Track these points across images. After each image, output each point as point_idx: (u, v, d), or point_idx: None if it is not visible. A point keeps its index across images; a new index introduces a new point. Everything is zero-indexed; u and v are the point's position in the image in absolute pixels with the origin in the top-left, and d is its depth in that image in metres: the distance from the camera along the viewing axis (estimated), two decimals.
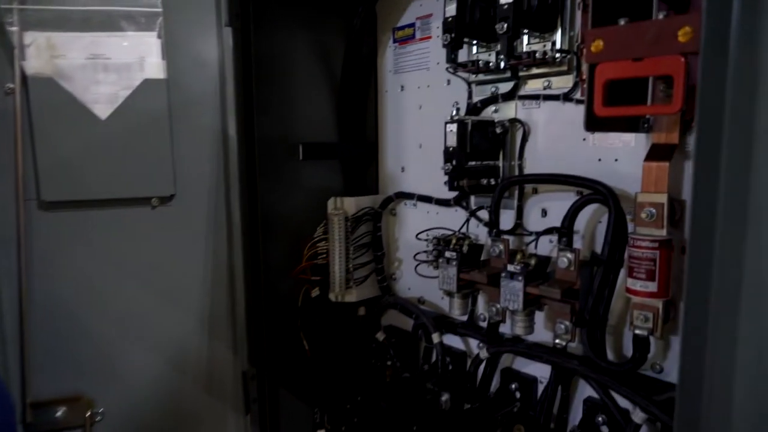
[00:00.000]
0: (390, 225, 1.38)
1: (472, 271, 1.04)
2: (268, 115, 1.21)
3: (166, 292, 1.13)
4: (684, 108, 0.60)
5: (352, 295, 1.31)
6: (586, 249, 0.98)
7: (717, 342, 0.48)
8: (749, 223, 0.42)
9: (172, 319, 1.13)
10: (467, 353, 1.22)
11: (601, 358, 0.90)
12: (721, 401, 0.50)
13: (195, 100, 1.13)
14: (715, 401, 0.50)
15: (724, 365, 0.49)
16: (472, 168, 1.05)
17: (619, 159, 0.94)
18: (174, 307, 1.14)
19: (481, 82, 1.12)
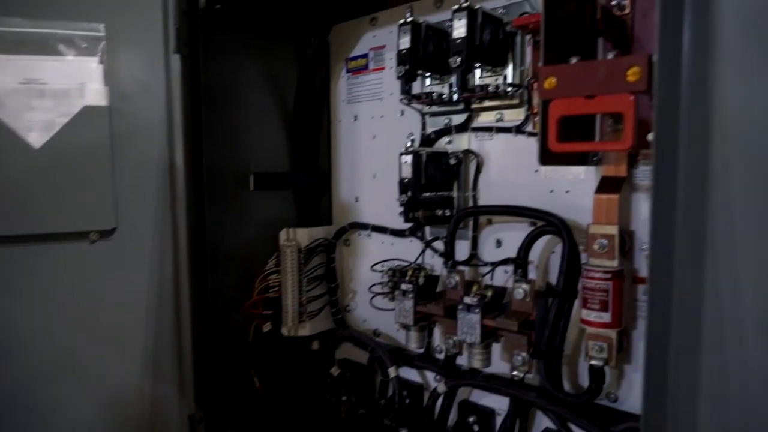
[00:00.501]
0: (344, 256, 1.36)
1: (428, 304, 1.03)
2: (218, 144, 1.17)
3: (105, 333, 1.06)
4: (635, 144, 0.61)
5: (305, 329, 1.26)
6: (540, 279, 0.99)
7: (679, 372, 0.48)
8: (707, 255, 0.43)
9: (112, 362, 1.06)
10: (424, 386, 1.20)
11: (558, 389, 0.90)
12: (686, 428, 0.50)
13: (140, 129, 1.08)
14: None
15: (688, 395, 0.49)
16: (427, 199, 1.05)
17: (570, 191, 0.96)
18: (114, 349, 1.06)
19: (435, 113, 1.13)
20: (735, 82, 0.42)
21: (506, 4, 1.01)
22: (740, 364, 0.42)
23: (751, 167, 0.42)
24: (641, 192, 0.87)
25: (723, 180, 0.42)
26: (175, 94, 1.07)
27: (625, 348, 0.89)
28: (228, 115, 1.20)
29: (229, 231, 1.22)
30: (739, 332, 0.41)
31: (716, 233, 0.44)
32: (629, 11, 0.85)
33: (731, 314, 0.42)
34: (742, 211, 0.41)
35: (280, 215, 1.32)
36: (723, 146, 0.42)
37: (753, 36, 0.42)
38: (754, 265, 0.41)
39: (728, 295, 0.41)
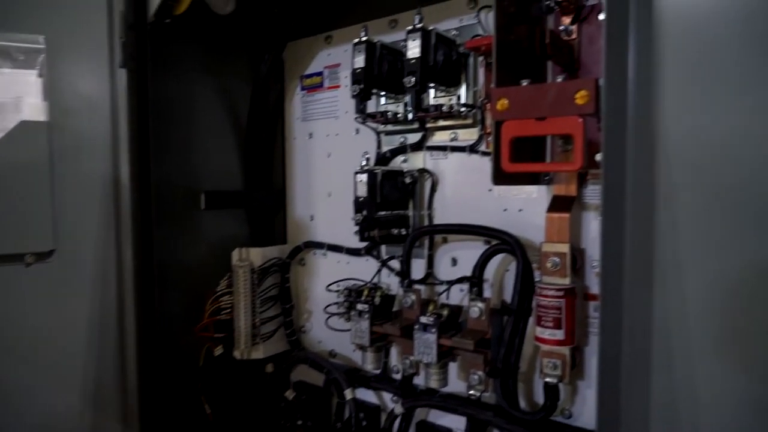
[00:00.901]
0: (299, 276, 1.33)
1: (384, 324, 1.02)
2: (167, 161, 1.14)
3: (42, 360, 0.99)
4: (584, 165, 0.63)
5: (258, 351, 1.23)
6: (495, 297, 1.00)
7: (631, 390, 0.49)
8: (655, 275, 0.44)
9: (49, 392, 0.99)
10: (381, 407, 1.18)
11: (515, 407, 0.90)
12: None
13: (82, 145, 1.03)
14: None
15: (639, 411, 0.49)
16: (383, 218, 1.04)
17: (523, 209, 0.97)
18: (52, 378, 0.99)
19: (390, 132, 1.13)
20: (679, 108, 0.44)
21: (459, 26, 1.03)
22: (689, 381, 0.43)
23: (696, 188, 0.43)
24: (591, 211, 0.90)
25: (670, 200, 0.43)
26: (121, 110, 1.02)
27: (578, 364, 0.90)
28: (178, 132, 1.17)
29: (178, 251, 1.17)
30: (688, 350, 0.42)
31: (664, 253, 0.45)
32: (576, 37, 0.88)
33: (680, 331, 0.43)
34: (688, 232, 0.42)
35: (232, 234, 1.28)
36: (669, 168, 0.43)
37: (695, 63, 0.44)
38: (700, 284, 0.42)
39: (676, 313, 0.42)
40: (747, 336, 0.42)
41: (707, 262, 0.42)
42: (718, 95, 0.43)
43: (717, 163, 0.43)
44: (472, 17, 1.01)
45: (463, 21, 1.03)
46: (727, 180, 0.42)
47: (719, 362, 0.43)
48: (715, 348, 0.43)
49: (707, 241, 0.42)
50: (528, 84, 0.66)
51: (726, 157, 0.42)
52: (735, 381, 0.43)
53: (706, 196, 0.42)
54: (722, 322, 0.42)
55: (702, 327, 0.43)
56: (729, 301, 0.42)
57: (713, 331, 0.43)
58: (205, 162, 1.22)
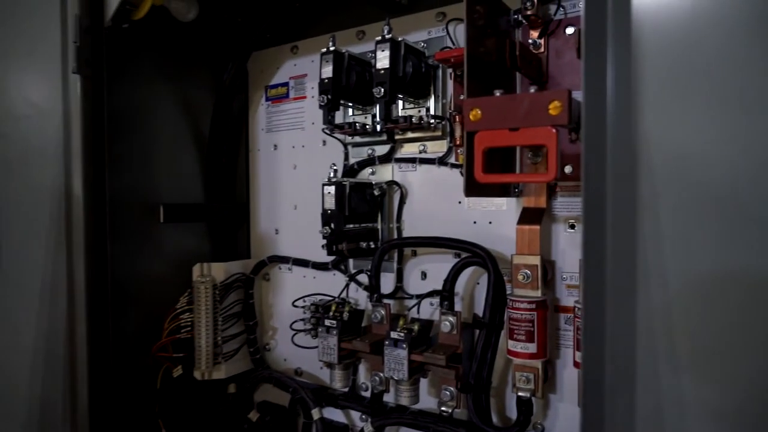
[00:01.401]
0: (263, 291, 1.29)
1: (353, 340, 0.99)
2: (124, 173, 1.08)
3: None
4: (558, 176, 0.62)
5: (220, 371, 1.17)
6: (466, 311, 0.99)
7: (615, 405, 0.48)
8: (638, 282, 0.43)
9: None
10: (350, 427, 1.15)
11: (488, 423, 0.89)
12: None
13: (31, 155, 0.97)
14: None
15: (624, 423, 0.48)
16: (351, 231, 1.02)
17: (493, 221, 0.97)
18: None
19: (358, 144, 1.11)
20: (658, 118, 0.44)
21: (427, 38, 1.03)
22: (677, 396, 0.42)
23: (678, 197, 0.42)
24: (560, 223, 0.90)
25: (651, 210, 0.42)
26: (75, 118, 0.96)
27: (549, 378, 0.90)
28: (136, 142, 1.11)
29: (135, 267, 1.11)
30: (674, 364, 0.41)
31: (647, 262, 0.44)
32: (544, 50, 0.89)
33: (664, 345, 0.42)
34: (670, 240, 0.42)
35: (193, 249, 1.23)
36: (650, 177, 0.43)
37: (673, 72, 0.44)
38: (684, 294, 0.42)
39: (660, 325, 0.42)
40: (730, 342, 0.42)
41: (691, 269, 0.42)
42: (697, 104, 0.43)
43: (699, 169, 0.42)
44: (441, 30, 1.01)
45: (431, 33, 1.02)
46: (709, 187, 0.42)
47: (702, 371, 0.42)
48: (697, 355, 0.42)
49: (690, 247, 0.42)
50: (501, 94, 0.65)
51: (707, 163, 0.42)
52: (718, 391, 0.42)
53: (689, 202, 0.41)
54: (703, 328, 0.42)
55: (686, 337, 0.42)
56: (709, 305, 0.42)
57: (698, 340, 0.42)
58: (164, 174, 1.17)
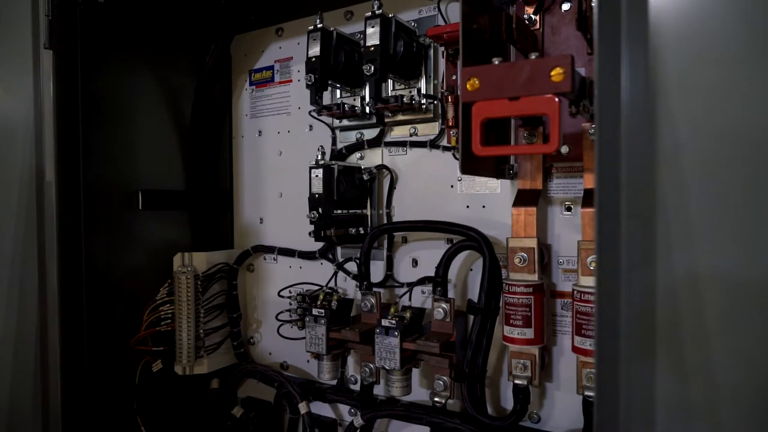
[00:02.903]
0: (247, 283, 1.24)
1: (342, 329, 0.95)
2: (100, 157, 1.03)
3: None
4: (559, 148, 0.59)
5: (202, 365, 1.12)
6: (459, 298, 0.95)
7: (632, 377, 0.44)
8: (658, 256, 0.40)
9: None
10: (338, 421, 1.11)
11: (483, 413, 0.86)
12: None
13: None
14: None
15: (643, 404, 0.45)
16: (340, 217, 0.98)
17: (487, 206, 0.94)
18: None
19: (346, 128, 1.07)
20: (678, 93, 0.41)
21: (418, 17, 0.99)
22: (703, 363, 0.39)
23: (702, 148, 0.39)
24: (556, 205, 0.87)
25: (674, 162, 0.39)
26: (46, 97, 0.91)
27: (546, 365, 0.87)
28: (113, 126, 1.06)
29: (111, 256, 1.06)
30: (701, 330, 0.38)
31: (670, 230, 0.41)
32: (539, 27, 0.86)
33: (689, 312, 0.39)
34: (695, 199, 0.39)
35: (173, 239, 1.18)
36: (673, 126, 0.40)
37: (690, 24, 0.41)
38: (709, 258, 0.39)
39: (685, 290, 0.39)
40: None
41: (716, 234, 0.39)
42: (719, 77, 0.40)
43: (725, 121, 0.39)
44: (432, 8, 0.97)
45: (422, 13, 0.99)
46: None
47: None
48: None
49: (718, 205, 0.39)
50: (500, 62, 0.62)
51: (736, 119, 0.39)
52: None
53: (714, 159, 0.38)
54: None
55: (713, 303, 0.39)
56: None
57: (724, 306, 0.39)
58: (143, 160, 1.12)
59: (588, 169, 0.80)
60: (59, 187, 0.96)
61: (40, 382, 0.95)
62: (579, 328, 0.76)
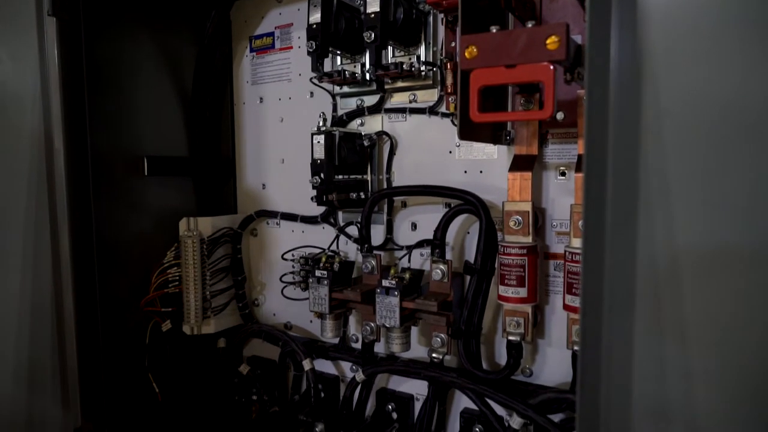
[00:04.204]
0: (251, 247, 1.28)
1: (344, 290, 0.99)
2: (104, 124, 1.04)
3: None
4: (554, 114, 0.62)
5: (209, 326, 1.17)
6: (456, 260, 0.99)
7: (612, 339, 0.48)
8: (639, 217, 0.43)
9: None
10: (340, 378, 1.16)
11: (478, 368, 0.91)
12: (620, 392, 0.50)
13: (7, 101, 0.93)
14: (614, 393, 0.50)
15: (622, 358, 0.49)
16: (341, 182, 1.01)
17: (484, 171, 0.96)
18: None
19: (346, 94, 1.09)
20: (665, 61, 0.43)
21: None
22: (677, 312, 0.43)
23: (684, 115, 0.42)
24: (551, 170, 0.90)
25: (657, 129, 0.42)
26: (51, 64, 0.92)
27: (538, 323, 0.91)
28: (117, 94, 1.08)
29: (120, 221, 1.09)
30: (676, 278, 0.42)
31: (649, 194, 0.44)
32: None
33: (665, 260, 0.42)
34: (676, 161, 0.42)
35: (178, 205, 1.21)
36: (656, 95, 0.42)
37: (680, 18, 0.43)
38: (686, 220, 0.42)
39: (663, 250, 0.42)
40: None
41: (696, 193, 0.42)
42: (706, 47, 0.42)
43: (707, 92, 0.42)
44: None
45: None
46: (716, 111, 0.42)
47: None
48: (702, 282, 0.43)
49: (697, 170, 0.42)
50: (498, 30, 0.64)
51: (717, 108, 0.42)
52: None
53: (694, 125, 0.41)
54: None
55: (688, 251, 0.43)
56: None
57: (699, 254, 0.42)
58: (147, 128, 1.14)
59: (582, 135, 0.82)
60: (67, 153, 0.98)
61: (57, 343, 1.00)
62: (570, 287, 0.80)
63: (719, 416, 0.47)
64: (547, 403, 0.83)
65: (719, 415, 0.47)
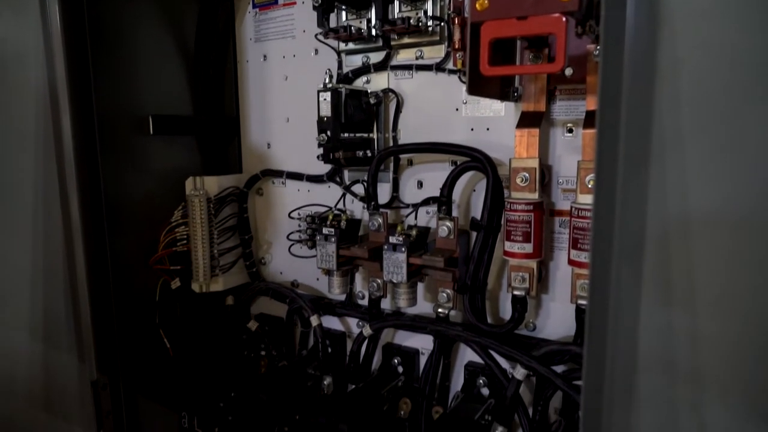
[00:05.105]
0: (257, 206, 1.29)
1: (351, 247, 1.00)
2: (108, 82, 1.04)
3: None
4: (565, 67, 0.62)
5: (218, 283, 1.19)
6: (462, 218, 1.00)
7: (620, 290, 0.49)
8: (651, 169, 0.44)
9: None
10: (346, 333, 1.19)
11: (482, 322, 0.93)
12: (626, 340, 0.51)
13: (8, 56, 0.92)
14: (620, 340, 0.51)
15: (628, 310, 0.50)
16: (347, 140, 1.01)
17: (491, 128, 0.96)
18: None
19: (352, 51, 1.08)
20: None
21: None
22: (686, 261, 0.44)
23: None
24: (558, 127, 0.90)
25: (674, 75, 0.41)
26: (53, 20, 0.91)
27: (543, 278, 0.93)
28: (118, 50, 1.06)
29: (127, 181, 1.09)
30: (685, 229, 0.43)
31: (664, 144, 0.44)
32: None
33: (677, 210, 0.43)
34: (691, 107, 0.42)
35: (183, 164, 1.21)
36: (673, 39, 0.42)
37: None
38: (699, 163, 0.42)
39: (675, 191, 0.42)
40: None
41: (710, 147, 0.42)
42: None
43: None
44: None
45: None
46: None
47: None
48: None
49: (712, 123, 0.42)
50: None
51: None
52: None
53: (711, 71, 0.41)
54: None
55: (700, 204, 0.43)
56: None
57: (710, 205, 0.43)
58: (150, 86, 1.13)
59: (591, 91, 0.82)
60: (73, 112, 0.98)
61: (71, 300, 1.02)
62: (575, 243, 0.81)
63: (723, 371, 0.48)
64: (551, 355, 0.86)
65: (723, 370, 0.48)
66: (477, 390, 1.00)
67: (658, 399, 0.52)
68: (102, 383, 1.06)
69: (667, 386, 0.51)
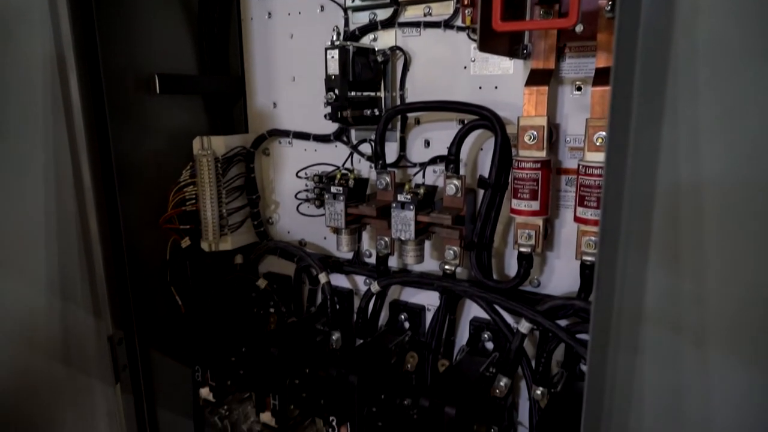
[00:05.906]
0: (264, 166, 1.29)
1: (359, 205, 1.02)
2: (112, 41, 1.03)
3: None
4: (578, 22, 0.61)
5: (226, 242, 1.21)
6: (469, 177, 1.01)
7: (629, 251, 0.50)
8: (664, 124, 0.44)
9: (11, 287, 0.94)
10: (354, 291, 1.21)
11: (488, 278, 0.95)
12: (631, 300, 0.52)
13: (11, 21, 0.91)
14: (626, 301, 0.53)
15: (637, 264, 0.51)
16: (355, 98, 1.01)
17: (499, 86, 0.96)
18: (12, 274, 0.94)
19: (359, 8, 1.06)
20: None
21: None
22: (695, 221, 0.45)
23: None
24: (567, 85, 0.90)
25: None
26: None
27: (548, 236, 0.95)
28: (122, 8, 1.05)
29: (134, 141, 1.10)
30: (696, 189, 0.44)
31: (678, 95, 0.44)
32: None
33: (688, 179, 0.44)
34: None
35: (189, 124, 1.21)
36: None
37: None
38: (713, 123, 0.43)
39: (685, 154, 0.43)
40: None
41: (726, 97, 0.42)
42: None
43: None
44: None
45: None
46: None
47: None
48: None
49: (730, 75, 0.42)
50: None
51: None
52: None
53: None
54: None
55: (711, 169, 0.44)
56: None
57: (721, 171, 0.44)
58: (155, 44, 1.12)
59: (602, 48, 0.81)
60: (80, 72, 0.97)
61: (85, 258, 1.04)
62: (582, 200, 0.82)
63: (728, 331, 0.49)
64: (555, 309, 0.88)
65: (728, 330, 0.49)
66: (482, 344, 1.04)
67: (662, 350, 0.54)
68: (118, 338, 1.09)
69: (671, 339, 0.53)
